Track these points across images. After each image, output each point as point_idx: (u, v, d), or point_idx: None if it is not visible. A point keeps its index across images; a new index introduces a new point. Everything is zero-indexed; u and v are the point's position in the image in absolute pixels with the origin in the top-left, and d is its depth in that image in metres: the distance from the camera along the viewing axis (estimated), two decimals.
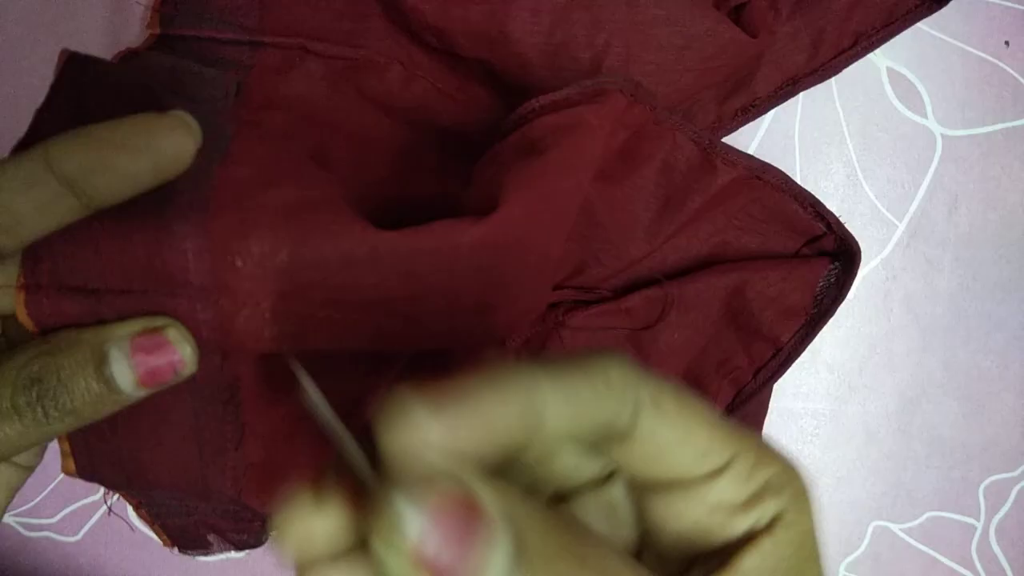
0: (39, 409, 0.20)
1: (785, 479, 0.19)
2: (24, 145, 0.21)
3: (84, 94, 0.23)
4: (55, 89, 0.23)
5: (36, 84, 0.37)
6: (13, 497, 0.25)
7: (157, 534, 0.25)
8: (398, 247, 0.22)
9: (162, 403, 0.23)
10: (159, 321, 0.21)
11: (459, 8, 0.32)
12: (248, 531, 0.26)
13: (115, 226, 0.20)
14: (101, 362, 0.20)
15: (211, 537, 0.26)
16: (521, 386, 0.15)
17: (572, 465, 0.19)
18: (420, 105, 0.35)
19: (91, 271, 0.20)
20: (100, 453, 0.23)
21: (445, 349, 0.26)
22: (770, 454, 0.19)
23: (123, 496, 0.24)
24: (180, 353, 0.21)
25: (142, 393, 0.21)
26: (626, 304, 0.36)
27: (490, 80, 0.35)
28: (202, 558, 0.41)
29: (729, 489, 0.18)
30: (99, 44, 0.37)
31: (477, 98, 0.36)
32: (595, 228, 0.35)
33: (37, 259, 0.20)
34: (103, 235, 0.20)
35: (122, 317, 0.21)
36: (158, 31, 0.33)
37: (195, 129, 0.19)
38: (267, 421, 0.24)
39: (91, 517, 0.41)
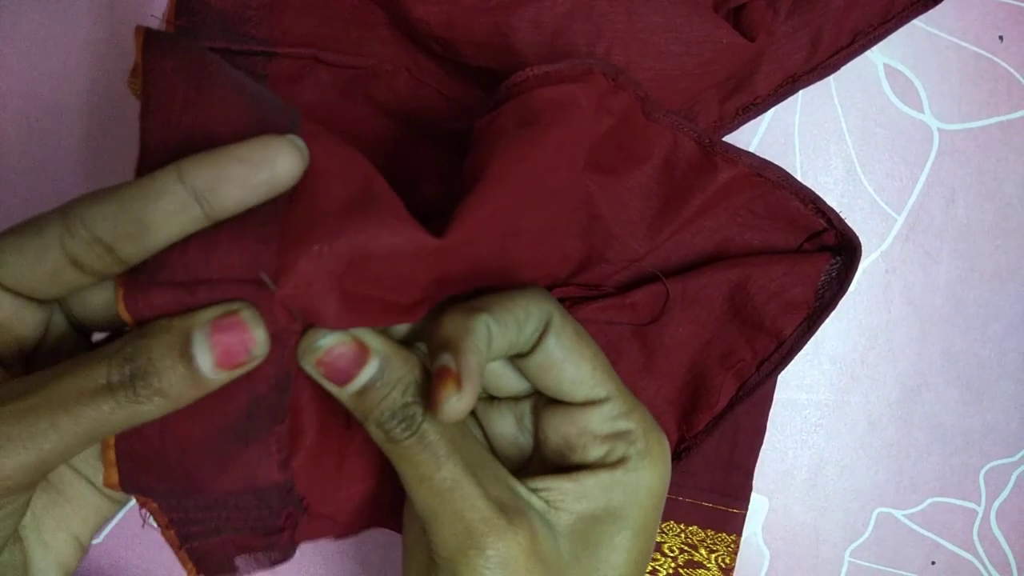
0: (130, 387, 0.21)
1: (643, 438, 0.26)
2: (146, 141, 0.22)
3: (172, 80, 0.23)
4: (147, 78, 0.23)
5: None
6: (101, 525, 0.26)
7: (181, 561, 0.26)
8: (440, 251, 0.24)
9: (213, 406, 0.23)
10: (235, 304, 0.22)
11: (463, 19, 0.32)
12: (277, 546, 0.27)
13: None
14: (187, 344, 0.21)
15: (238, 560, 0.27)
16: (482, 331, 0.24)
17: (503, 377, 0.28)
18: (428, 110, 0.36)
19: (177, 264, 0.22)
20: (146, 459, 0.24)
21: None
22: (640, 415, 0.26)
23: (153, 515, 0.25)
24: (252, 332, 0.22)
25: (221, 377, 0.22)
26: (631, 299, 0.36)
27: (495, 85, 0.36)
28: None
29: (596, 421, 0.26)
30: (102, 55, 0.38)
31: (482, 102, 0.36)
32: (597, 222, 0.36)
33: None
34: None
35: (205, 306, 0.22)
36: None
37: (304, 151, 0.22)
38: (309, 405, 0.26)
39: (112, 520, 0.42)
